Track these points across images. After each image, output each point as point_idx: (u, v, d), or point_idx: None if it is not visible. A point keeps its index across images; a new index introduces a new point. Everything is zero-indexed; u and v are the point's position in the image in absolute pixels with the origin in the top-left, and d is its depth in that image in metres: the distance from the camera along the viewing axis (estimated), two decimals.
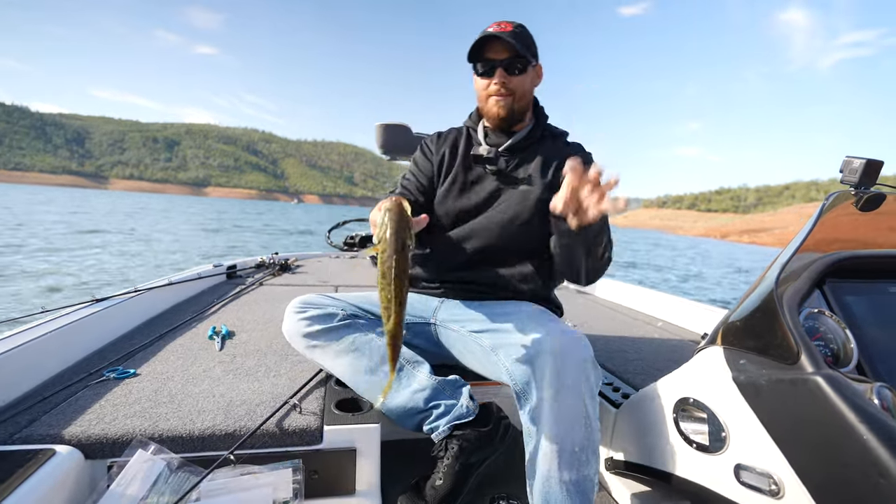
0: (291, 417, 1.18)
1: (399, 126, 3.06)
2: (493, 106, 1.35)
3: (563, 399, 1.00)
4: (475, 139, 1.46)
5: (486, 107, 1.38)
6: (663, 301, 2.75)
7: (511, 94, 1.33)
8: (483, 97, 1.38)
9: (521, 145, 1.40)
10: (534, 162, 1.39)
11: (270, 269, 3.24)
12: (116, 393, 1.23)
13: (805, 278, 0.86)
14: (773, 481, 0.78)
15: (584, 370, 1.03)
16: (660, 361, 1.79)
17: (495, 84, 1.32)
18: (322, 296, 1.39)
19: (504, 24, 1.31)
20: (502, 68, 1.31)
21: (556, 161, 1.37)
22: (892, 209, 1.02)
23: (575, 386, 1.01)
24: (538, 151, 1.40)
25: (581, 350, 1.06)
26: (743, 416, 0.85)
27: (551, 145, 1.42)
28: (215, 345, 1.66)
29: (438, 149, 1.49)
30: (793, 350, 0.75)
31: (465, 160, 1.45)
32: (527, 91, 1.37)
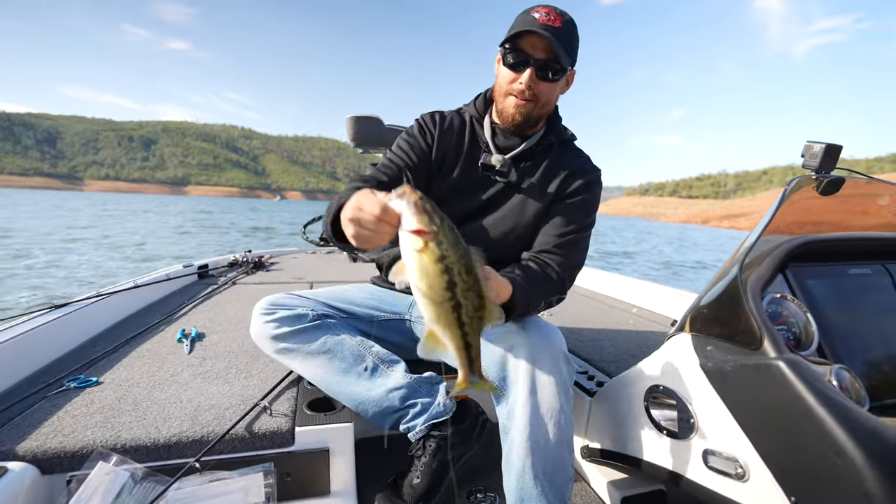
0: (262, 420, 1.15)
1: (371, 118, 3.01)
2: (511, 107, 1.21)
3: (537, 395, 1.00)
4: (480, 136, 1.33)
5: (502, 104, 1.24)
6: (638, 287, 2.79)
7: (535, 100, 1.19)
8: (503, 92, 1.23)
9: (531, 152, 1.30)
10: (539, 171, 1.29)
11: (244, 267, 3.17)
12: (77, 403, 1.18)
13: (768, 264, 0.87)
14: (739, 465, 0.79)
15: (558, 365, 1.03)
16: (633, 348, 1.81)
17: (521, 84, 1.17)
18: (291, 295, 1.33)
19: (553, 15, 1.13)
20: (534, 69, 1.15)
21: (562, 174, 1.28)
22: (852, 192, 1.04)
23: (548, 382, 1.01)
24: (545, 159, 1.30)
25: (554, 344, 1.06)
26: (710, 402, 0.85)
27: (559, 154, 1.32)
28: (184, 348, 1.62)
29: (442, 137, 1.33)
30: (756, 335, 0.76)
31: (471, 163, 1.31)
32: (552, 100, 1.24)
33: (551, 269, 1.20)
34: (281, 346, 1.24)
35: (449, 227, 0.71)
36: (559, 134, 1.32)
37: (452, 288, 0.70)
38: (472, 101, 1.38)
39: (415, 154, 1.31)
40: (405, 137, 1.35)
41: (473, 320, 0.73)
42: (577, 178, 1.28)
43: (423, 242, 0.69)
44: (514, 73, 1.18)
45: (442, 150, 1.33)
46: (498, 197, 1.31)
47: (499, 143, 1.31)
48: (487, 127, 1.32)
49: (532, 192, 1.28)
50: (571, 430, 1.04)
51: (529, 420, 1.00)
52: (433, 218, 0.70)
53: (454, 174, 1.32)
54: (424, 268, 0.70)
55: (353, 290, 1.44)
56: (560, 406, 1.02)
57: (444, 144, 1.33)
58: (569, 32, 1.15)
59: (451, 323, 0.72)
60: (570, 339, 1.89)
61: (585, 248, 1.29)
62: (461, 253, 0.71)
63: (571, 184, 1.27)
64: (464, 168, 1.32)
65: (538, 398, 1.01)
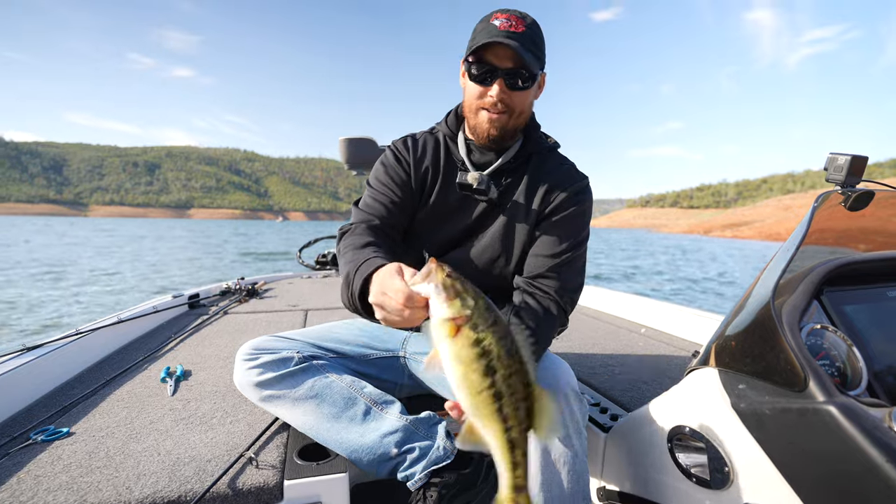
0: (247, 473, 1.05)
1: (364, 140, 2.95)
2: (485, 122, 1.14)
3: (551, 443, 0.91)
4: (456, 155, 1.25)
5: (475, 120, 1.16)
6: (645, 306, 2.70)
7: (508, 111, 1.12)
8: (474, 108, 1.15)
9: (510, 166, 1.22)
10: (521, 185, 1.21)
11: (237, 295, 3.07)
12: (42, 460, 1.07)
13: (802, 290, 0.78)
14: None
15: (569, 405, 0.93)
16: (646, 374, 1.71)
17: (492, 96, 1.10)
18: (275, 337, 1.23)
19: (514, 20, 1.06)
20: (503, 79, 1.08)
21: (546, 185, 1.20)
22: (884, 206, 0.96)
23: (560, 424, 0.91)
24: (527, 172, 1.22)
25: (564, 382, 0.96)
26: (747, 448, 0.76)
27: (540, 164, 1.24)
28: (168, 388, 1.51)
29: (417, 161, 1.26)
30: (799, 375, 0.67)
31: (448, 185, 1.24)
32: (526, 108, 1.16)
33: (550, 298, 1.12)
34: (266, 394, 1.14)
35: (485, 305, 0.63)
36: (538, 143, 1.24)
37: (492, 374, 0.60)
38: (443, 118, 1.31)
39: (396, 187, 1.24)
40: (382, 170, 1.27)
41: (517, 413, 0.61)
42: (564, 190, 1.20)
43: (456, 327, 0.61)
44: (482, 87, 1.11)
45: (420, 176, 1.26)
46: (482, 219, 1.24)
47: (475, 159, 1.24)
48: (462, 144, 1.25)
49: (517, 210, 1.21)
50: (587, 475, 0.94)
51: (541, 468, 0.91)
52: (465, 300, 0.62)
53: (432, 199, 1.25)
54: (458, 355, 0.61)
55: (341, 327, 1.34)
56: (574, 450, 0.92)
57: (420, 169, 1.26)
58: (533, 35, 1.08)
59: (492, 415, 0.60)
60: (578, 367, 1.79)
61: (583, 266, 1.21)
62: (501, 334, 0.61)
63: (558, 196, 1.19)
64: (442, 191, 1.25)
65: (552, 445, 0.91)
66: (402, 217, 1.24)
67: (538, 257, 1.16)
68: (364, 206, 1.24)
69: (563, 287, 1.13)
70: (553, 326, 1.10)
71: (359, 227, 1.16)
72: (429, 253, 1.27)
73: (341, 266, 1.06)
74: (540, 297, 1.12)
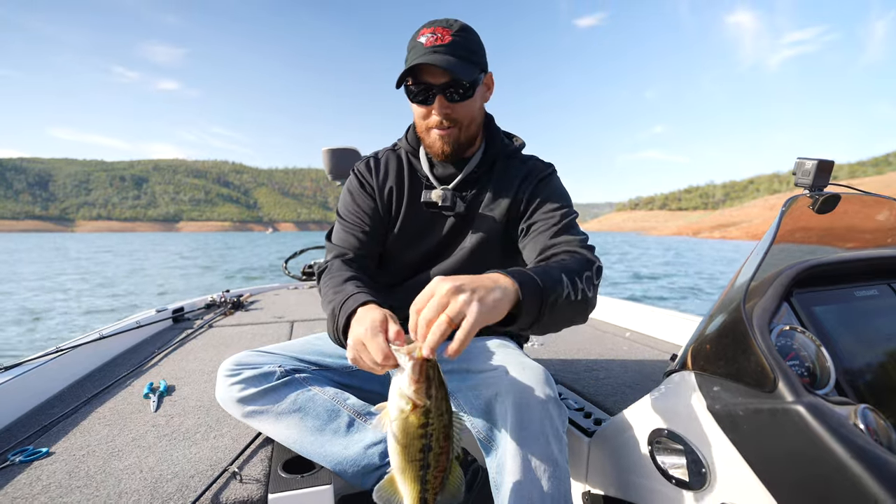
0: (231, 488, 1.04)
1: (347, 150, 2.96)
2: (437, 141, 1.13)
3: (527, 447, 0.91)
4: (420, 171, 1.24)
5: (427, 139, 1.16)
6: (628, 310, 2.73)
7: (456, 125, 1.11)
8: (423, 128, 1.15)
9: (475, 175, 1.21)
10: (489, 193, 1.20)
11: (221, 308, 3.05)
12: (20, 482, 1.06)
13: (772, 292, 0.80)
14: None
15: (548, 411, 0.94)
16: (630, 379, 1.73)
17: (435, 115, 1.09)
18: (256, 352, 1.22)
19: (440, 32, 1.04)
20: (442, 95, 1.07)
21: (514, 186, 1.19)
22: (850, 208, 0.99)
23: (539, 432, 0.92)
24: (493, 177, 1.21)
25: (542, 388, 0.97)
26: (722, 449, 0.77)
27: (506, 168, 1.22)
28: (151, 404, 1.49)
29: (381, 184, 1.24)
30: (769, 376, 0.68)
31: (415, 203, 1.23)
32: (475, 116, 1.15)
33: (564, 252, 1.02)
34: (248, 410, 1.13)
35: (443, 396, 0.71)
36: (502, 147, 1.22)
37: (427, 451, 0.71)
38: (404, 133, 1.28)
39: (365, 215, 1.23)
40: (350, 199, 1.26)
41: (436, 481, 0.73)
42: (531, 181, 1.18)
43: (413, 405, 0.70)
44: (424, 107, 1.11)
45: (385, 198, 1.25)
46: (454, 233, 1.22)
47: (438, 173, 1.23)
48: (424, 159, 1.23)
49: (487, 218, 1.19)
50: (568, 481, 0.94)
51: (521, 475, 0.90)
52: (429, 391, 0.70)
53: (401, 219, 1.24)
54: (406, 429, 0.70)
55: (324, 339, 1.34)
56: (554, 457, 0.92)
57: (385, 191, 1.25)
58: (463, 42, 1.05)
59: (415, 479, 0.72)
60: (562, 372, 1.80)
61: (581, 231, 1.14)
62: (445, 422, 0.71)
63: (526, 189, 1.18)
64: (409, 210, 1.24)
65: (529, 450, 0.91)
66: (374, 245, 1.24)
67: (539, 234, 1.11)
68: (337, 239, 1.23)
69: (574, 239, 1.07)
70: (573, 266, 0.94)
71: (335, 263, 1.17)
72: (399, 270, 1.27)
73: (324, 304, 1.05)
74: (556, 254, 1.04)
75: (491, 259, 1.21)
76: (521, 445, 0.91)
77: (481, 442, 1.02)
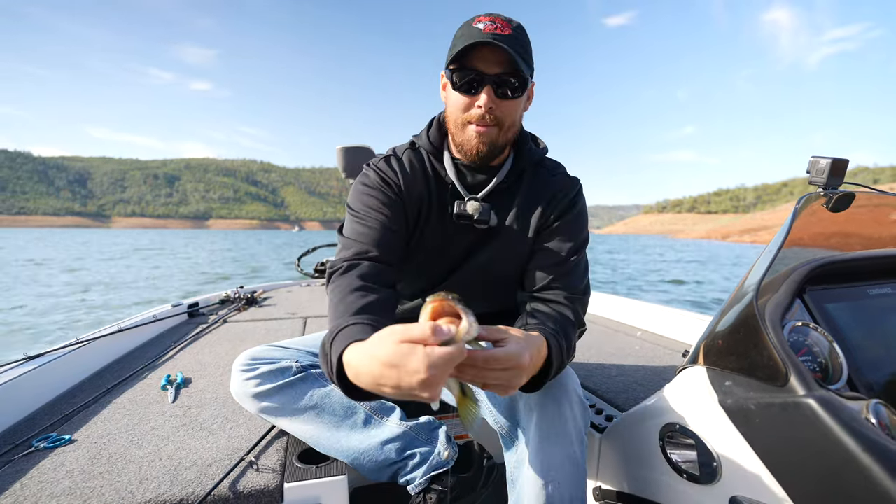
0: (248, 477, 1.06)
1: (361, 148, 2.99)
2: (473, 138, 1.02)
3: (549, 445, 0.92)
4: (445, 177, 1.14)
5: (461, 135, 1.04)
6: (640, 309, 2.72)
7: (498, 124, 1.01)
8: (459, 122, 1.03)
9: (503, 185, 1.13)
10: (517, 204, 1.13)
11: (235, 303, 3.09)
12: (44, 467, 1.09)
13: (785, 289, 0.81)
14: None
15: (573, 411, 0.95)
16: (641, 377, 1.73)
17: (479, 107, 0.98)
18: (272, 347, 1.23)
19: (499, 23, 0.96)
20: (492, 86, 0.97)
21: (543, 201, 1.13)
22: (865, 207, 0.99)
23: (562, 430, 0.92)
24: (520, 189, 1.14)
25: (568, 388, 0.97)
26: (734, 443, 0.78)
27: (534, 178, 1.15)
28: (168, 395, 1.53)
29: (409, 187, 1.11)
30: (781, 371, 0.69)
31: (442, 211, 1.13)
32: (517, 121, 1.06)
33: (563, 306, 1.05)
34: (264, 405, 1.14)
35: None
36: (530, 156, 1.15)
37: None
38: (423, 130, 1.17)
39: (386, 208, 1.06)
40: (365, 190, 1.10)
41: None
42: (559, 200, 1.13)
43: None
44: (468, 98, 1.00)
45: (413, 202, 1.11)
46: (478, 245, 1.15)
47: (465, 182, 1.13)
48: (450, 165, 1.12)
49: (514, 231, 1.12)
50: (585, 482, 0.95)
51: (542, 473, 0.91)
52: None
53: (426, 229, 1.14)
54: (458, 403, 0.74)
55: None
56: (575, 457, 0.93)
57: (413, 195, 1.11)
58: (522, 39, 0.98)
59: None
60: (575, 369, 1.81)
61: (586, 268, 1.14)
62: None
63: (555, 208, 1.13)
64: (436, 220, 1.13)
65: (552, 448, 0.92)
66: (398, 242, 1.07)
67: (540, 270, 1.10)
68: (352, 233, 1.05)
69: (573, 293, 1.08)
70: (573, 329, 1.03)
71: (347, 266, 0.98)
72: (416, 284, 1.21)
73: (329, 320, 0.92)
74: (552, 305, 1.06)
75: (512, 274, 1.17)
76: (543, 443, 0.92)
77: (503, 437, 1.03)
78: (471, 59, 0.97)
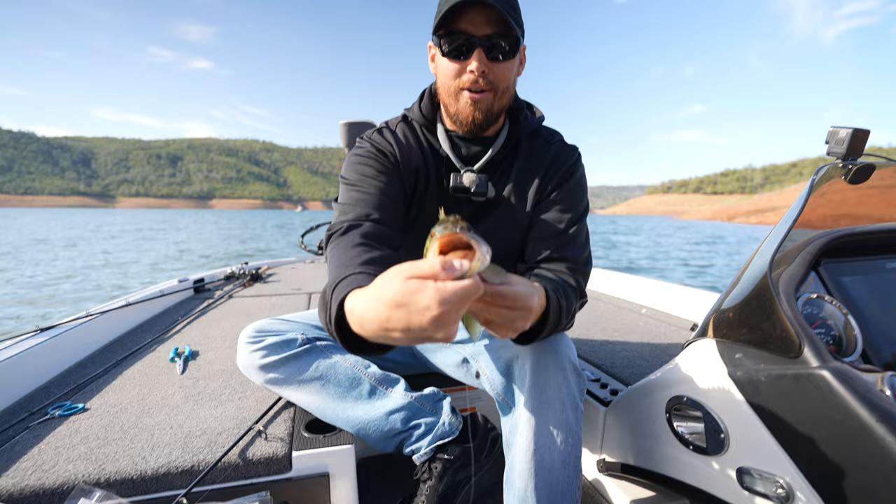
0: (257, 445, 1.08)
1: (365, 123, 2.95)
2: (467, 106, 0.98)
3: (542, 410, 0.92)
4: (439, 150, 1.11)
5: (454, 104, 1.01)
6: (646, 286, 2.71)
7: (492, 88, 0.97)
8: (452, 89, 0.99)
9: (500, 156, 1.10)
10: (513, 175, 1.10)
11: (241, 279, 3.11)
12: (60, 433, 1.11)
13: (800, 261, 0.80)
14: (781, 485, 0.72)
15: (566, 377, 0.94)
16: (646, 352, 1.73)
17: (471, 72, 0.94)
18: (278, 320, 1.23)
19: None
20: (483, 49, 0.93)
21: (541, 171, 1.10)
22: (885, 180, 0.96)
23: (555, 397, 0.93)
24: (517, 159, 1.11)
25: (562, 354, 0.97)
26: (742, 415, 0.78)
27: (531, 148, 1.12)
28: (177, 368, 1.54)
29: (405, 160, 1.08)
30: (794, 342, 0.68)
31: (438, 185, 1.11)
32: (511, 85, 1.02)
33: (565, 275, 1.03)
34: (270, 377, 1.15)
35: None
36: (526, 125, 1.11)
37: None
38: (415, 103, 1.14)
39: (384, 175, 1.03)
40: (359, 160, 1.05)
41: None
42: (558, 168, 1.10)
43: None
44: (458, 63, 0.95)
45: (411, 174, 1.09)
46: (475, 218, 1.12)
47: (460, 154, 1.10)
48: (444, 137, 1.09)
49: (512, 203, 1.10)
50: (580, 449, 0.96)
51: (534, 438, 0.92)
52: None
53: (423, 203, 1.11)
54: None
55: None
56: (568, 423, 0.93)
57: (410, 166, 1.09)
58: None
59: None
60: (579, 345, 1.81)
61: (587, 238, 1.12)
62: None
63: (553, 177, 1.10)
64: (431, 193, 1.11)
65: (544, 414, 0.92)
66: (398, 209, 1.05)
67: (540, 241, 1.09)
68: (349, 200, 1.01)
69: (574, 263, 1.06)
70: (575, 295, 1.00)
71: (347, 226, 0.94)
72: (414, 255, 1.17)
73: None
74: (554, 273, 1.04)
75: (511, 246, 1.15)
76: (536, 408, 0.93)
77: (499, 403, 1.04)
78: (458, 23, 0.93)
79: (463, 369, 1.20)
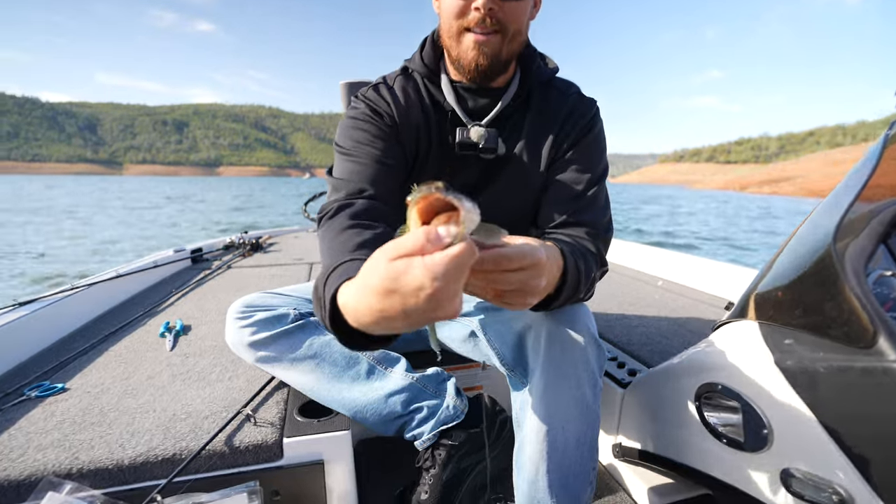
0: (245, 430, 1.00)
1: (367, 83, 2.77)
2: (471, 49, 0.87)
3: (557, 386, 0.83)
4: (443, 103, 0.99)
5: (457, 47, 0.89)
6: (661, 257, 2.59)
7: (501, 30, 0.86)
8: (455, 31, 0.87)
9: (510, 109, 0.98)
10: (526, 129, 0.99)
11: (240, 249, 3.01)
12: (34, 416, 1.03)
13: (868, 233, 0.67)
14: (838, 493, 0.62)
15: (585, 351, 0.84)
16: (665, 328, 1.63)
17: (477, 9, 0.82)
18: (269, 294, 1.14)
19: None
20: None
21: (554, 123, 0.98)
22: None
23: (572, 372, 0.82)
24: (529, 111, 0.99)
25: (583, 325, 0.86)
26: (791, 410, 0.67)
27: (545, 98, 1.00)
28: (167, 343, 1.46)
29: (402, 117, 0.96)
30: (866, 330, 0.57)
31: (441, 141, 0.99)
32: (523, 28, 0.90)
33: (583, 240, 0.92)
34: (261, 354, 1.06)
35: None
36: (538, 76, 0.99)
37: None
38: (416, 52, 1.02)
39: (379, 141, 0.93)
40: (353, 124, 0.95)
41: None
42: (575, 123, 0.98)
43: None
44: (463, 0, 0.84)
45: (411, 134, 0.97)
46: (486, 177, 1.01)
47: (468, 107, 0.98)
48: (448, 88, 0.97)
49: (525, 160, 0.99)
50: (597, 429, 0.86)
51: (547, 417, 0.83)
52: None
53: (426, 163, 1.00)
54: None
55: None
56: (585, 401, 0.83)
57: (409, 126, 0.97)
58: None
59: None
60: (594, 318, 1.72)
61: (607, 201, 0.99)
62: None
63: (569, 133, 0.98)
64: (436, 152, 1.00)
65: (559, 390, 0.83)
66: (395, 178, 0.95)
67: (556, 204, 0.97)
68: (342, 172, 0.92)
69: (592, 228, 0.94)
70: (595, 261, 0.89)
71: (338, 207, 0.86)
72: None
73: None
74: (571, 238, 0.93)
75: (524, 207, 1.03)
76: (550, 384, 0.83)
77: (510, 378, 0.94)
78: None
79: (470, 343, 1.09)
